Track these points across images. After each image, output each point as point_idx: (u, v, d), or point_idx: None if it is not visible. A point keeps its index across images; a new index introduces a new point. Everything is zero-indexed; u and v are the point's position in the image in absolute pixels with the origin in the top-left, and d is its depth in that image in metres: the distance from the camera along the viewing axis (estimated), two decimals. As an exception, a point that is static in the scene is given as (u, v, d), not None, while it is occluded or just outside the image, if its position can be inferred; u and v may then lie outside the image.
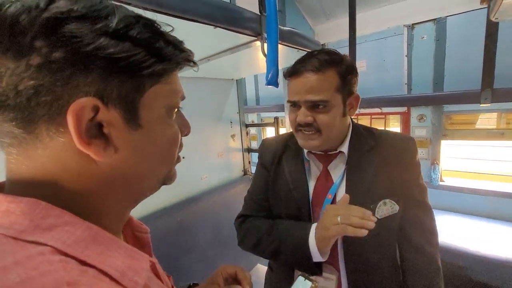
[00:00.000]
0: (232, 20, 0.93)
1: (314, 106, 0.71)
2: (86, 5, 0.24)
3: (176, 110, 0.34)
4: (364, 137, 0.80)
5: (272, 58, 0.97)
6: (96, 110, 0.25)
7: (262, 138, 3.71)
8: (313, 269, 0.73)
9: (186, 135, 0.37)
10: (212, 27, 0.88)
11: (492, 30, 1.44)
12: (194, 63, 0.34)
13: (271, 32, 0.96)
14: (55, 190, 0.26)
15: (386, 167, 0.76)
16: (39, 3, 0.22)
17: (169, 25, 0.31)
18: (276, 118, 2.17)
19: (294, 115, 0.75)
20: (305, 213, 0.81)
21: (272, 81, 0.99)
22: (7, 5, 0.22)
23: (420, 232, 0.80)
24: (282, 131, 2.63)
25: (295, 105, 0.75)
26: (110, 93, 0.26)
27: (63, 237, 0.24)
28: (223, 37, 1.00)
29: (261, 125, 3.01)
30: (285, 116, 2.72)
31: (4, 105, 0.23)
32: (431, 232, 0.81)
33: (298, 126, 0.75)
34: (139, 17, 0.28)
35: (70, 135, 0.25)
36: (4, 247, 0.22)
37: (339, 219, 0.63)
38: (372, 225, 0.61)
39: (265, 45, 1.01)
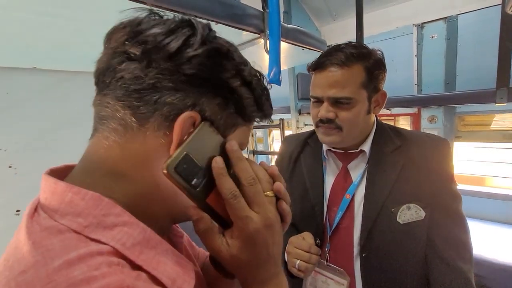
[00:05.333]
0: (235, 16, 0.92)
1: (337, 102, 0.69)
2: (234, 50, 0.31)
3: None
4: (389, 137, 0.76)
5: (274, 56, 0.95)
6: (194, 125, 0.29)
7: (269, 141, 3.68)
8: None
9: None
10: (214, 23, 0.87)
11: (507, 25, 1.38)
12: (272, 120, 0.39)
13: (273, 29, 0.94)
14: (127, 184, 0.28)
15: (413, 170, 0.71)
16: (208, 36, 0.29)
17: (268, 82, 0.38)
18: (281, 120, 2.15)
19: (316, 110, 0.73)
20: (319, 211, 0.78)
21: (275, 79, 0.97)
22: (184, 27, 0.28)
23: (451, 244, 0.70)
24: (288, 133, 2.59)
25: (318, 100, 0.72)
26: (218, 120, 0.30)
27: (123, 239, 0.25)
28: (226, 34, 0.98)
29: (266, 126, 2.98)
30: (291, 118, 2.69)
31: (136, 93, 0.27)
32: (464, 245, 0.71)
33: (319, 122, 0.72)
34: (257, 72, 0.34)
35: (170, 139, 0.28)
36: (68, 241, 0.23)
37: (297, 264, 0.69)
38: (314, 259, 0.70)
39: (269, 42, 0.99)
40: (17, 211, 0.94)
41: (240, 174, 0.30)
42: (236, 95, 0.31)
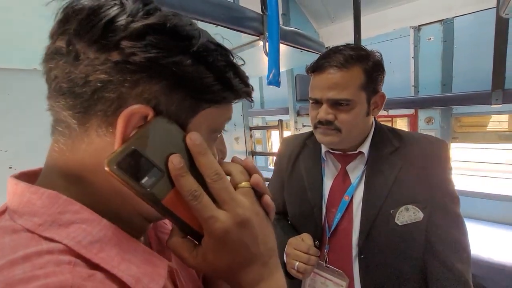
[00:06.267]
0: (234, 19, 0.93)
1: (336, 104, 0.69)
2: (178, 23, 0.26)
3: (220, 133, 0.34)
4: (387, 138, 0.76)
5: (274, 57, 0.96)
6: (145, 119, 0.26)
7: (267, 142, 3.69)
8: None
9: (219, 160, 0.35)
10: (214, 25, 0.88)
11: (502, 28, 1.40)
12: (252, 99, 0.35)
13: (272, 31, 0.95)
14: (84, 186, 0.27)
15: (411, 171, 0.71)
16: (138, 12, 0.25)
17: (242, 58, 0.33)
18: (280, 121, 2.16)
19: (315, 112, 0.72)
20: (317, 213, 0.78)
21: (274, 81, 0.98)
22: (109, 6, 0.24)
23: (449, 246, 0.71)
24: (287, 134, 2.60)
25: (317, 102, 0.73)
26: (168, 107, 0.26)
27: (79, 236, 0.24)
28: (226, 36, 0.99)
29: (265, 127, 3.00)
30: (289, 119, 2.71)
31: (70, 91, 0.25)
32: (462, 247, 0.71)
33: (318, 123, 0.72)
34: (218, 46, 0.29)
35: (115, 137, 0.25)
36: (20, 240, 0.22)
37: (296, 265, 0.71)
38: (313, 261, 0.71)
39: (268, 44, 1.00)
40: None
41: (203, 170, 0.27)
42: (187, 76, 0.26)
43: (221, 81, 0.29)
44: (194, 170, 0.27)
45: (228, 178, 0.30)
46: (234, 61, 0.31)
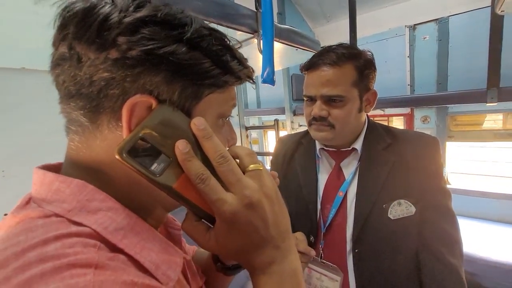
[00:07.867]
0: (228, 16, 0.91)
1: (329, 100, 0.71)
2: (168, 13, 0.27)
3: (226, 118, 0.35)
4: (380, 135, 0.78)
5: (268, 55, 0.94)
6: (150, 109, 0.27)
7: (264, 142, 3.68)
8: None
9: (229, 146, 0.36)
10: (207, 23, 0.87)
11: (497, 26, 1.41)
12: (253, 81, 0.35)
13: (266, 29, 0.94)
14: (104, 180, 0.28)
15: (404, 167, 0.73)
16: (129, 7, 0.26)
17: (238, 41, 0.34)
18: (276, 121, 2.15)
19: (310, 109, 0.74)
20: (313, 209, 0.79)
21: (268, 79, 0.97)
22: (101, 5, 0.25)
23: (441, 240, 0.72)
24: (283, 134, 2.59)
25: (311, 99, 0.74)
26: (171, 96, 0.27)
27: (105, 223, 0.26)
28: (219, 34, 0.98)
29: (261, 127, 2.99)
30: (286, 119, 2.70)
31: (78, 93, 0.26)
32: (454, 241, 0.73)
33: (312, 120, 0.74)
34: (212, 30, 0.30)
35: None
36: (51, 223, 0.24)
37: None
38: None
39: (262, 42, 0.99)
40: (5, 214, 0.91)
41: (208, 153, 0.27)
42: (184, 64, 0.27)
43: (219, 65, 0.29)
44: (203, 155, 0.28)
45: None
46: (231, 44, 0.31)
